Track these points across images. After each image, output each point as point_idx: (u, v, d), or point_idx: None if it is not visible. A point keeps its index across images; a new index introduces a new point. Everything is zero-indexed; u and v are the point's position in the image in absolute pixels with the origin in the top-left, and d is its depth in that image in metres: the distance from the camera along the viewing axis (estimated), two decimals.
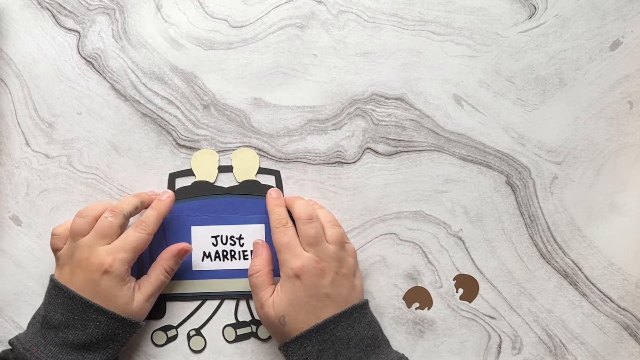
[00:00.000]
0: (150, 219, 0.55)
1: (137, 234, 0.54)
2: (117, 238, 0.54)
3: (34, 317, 0.54)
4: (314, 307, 0.51)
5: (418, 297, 0.60)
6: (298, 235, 0.54)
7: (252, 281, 0.55)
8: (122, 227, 0.54)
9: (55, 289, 0.52)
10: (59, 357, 0.49)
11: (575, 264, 0.60)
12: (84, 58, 0.61)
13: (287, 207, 0.57)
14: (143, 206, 0.57)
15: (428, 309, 0.60)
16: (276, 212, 0.56)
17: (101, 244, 0.53)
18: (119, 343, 0.52)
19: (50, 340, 0.50)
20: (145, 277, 0.56)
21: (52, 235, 0.55)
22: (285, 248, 0.53)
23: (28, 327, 0.54)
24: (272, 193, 0.58)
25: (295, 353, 0.51)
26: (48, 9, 0.61)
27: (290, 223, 0.56)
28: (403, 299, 0.60)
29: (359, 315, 0.53)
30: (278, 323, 0.52)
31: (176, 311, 0.59)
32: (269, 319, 0.53)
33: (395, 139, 0.61)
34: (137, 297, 0.54)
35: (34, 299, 0.60)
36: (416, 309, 0.60)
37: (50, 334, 0.50)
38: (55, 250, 0.55)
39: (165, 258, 0.56)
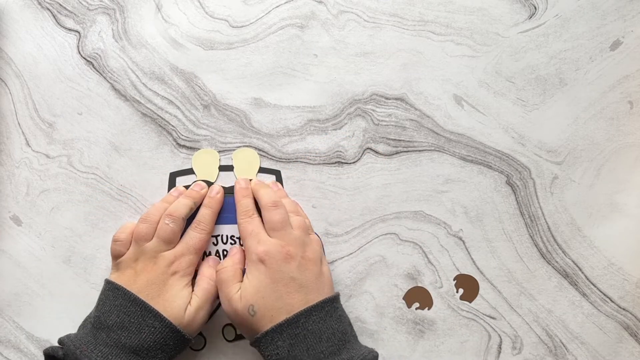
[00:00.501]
0: (207, 217, 0.57)
1: (198, 234, 0.56)
2: (178, 241, 0.55)
3: (84, 321, 0.54)
4: (282, 293, 0.50)
5: (418, 297, 0.60)
6: (263, 224, 0.55)
7: (218, 277, 0.54)
8: (181, 229, 0.56)
9: (114, 291, 0.52)
10: (108, 358, 0.49)
11: (575, 264, 0.60)
12: (84, 58, 0.61)
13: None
14: (196, 206, 0.58)
15: (428, 309, 0.60)
16: (242, 203, 0.57)
17: (165, 249, 0.54)
18: (167, 355, 0.52)
19: (102, 341, 0.50)
20: (196, 288, 0.55)
21: (115, 241, 0.56)
22: (250, 235, 0.54)
23: (79, 329, 0.53)
24: (241, 182, 0.59)
25: (267, 348, 0.50)
26: (48, 9, 0.61)
27: (256, 214, 0.56)
28: (403, 298, 0.60)
29: (330, 309, 0.52)
30: (247, 315, 0.51)
31: None
32: (237, 312, 0.51)
33: (395, 139, 0.61)
34: (190, 307, 0.53)
35: (34, 299, 0.60)
36: (416, 309, 0.60)
37: (102, 334, 0.50)
38: (117, 256, 0.55)
39: (209, 275, 0.56)
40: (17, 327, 0.59)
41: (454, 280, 0.60)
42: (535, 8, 0.62)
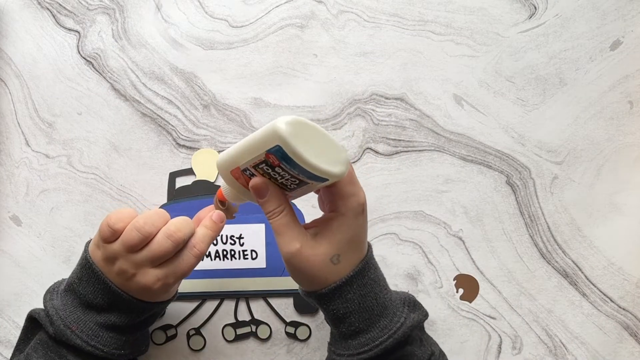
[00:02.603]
0: (206, 240, 0.49)
1: (190, 259, 0.48)
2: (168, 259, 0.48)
3: (67, 289, 0.50)
4: (364, 242, 0.48)
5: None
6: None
7: (278, 225, 0.46)
8: (175, 251, 0.48)
9: (95, 276, 0.49)
10: (99, 335, 0.48)
11: (575, 264, 0.60)
12: (84, 58, 0.61)
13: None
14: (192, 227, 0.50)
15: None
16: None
17: (150, 266, 0.48)
18: (156, 316, 0.54)
19: (92, 319, 0.49)
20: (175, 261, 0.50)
21: (109, 225, 0.48)
22: (350, 182, 0.47)
23: (63, 297, 0.50)
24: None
25: (334, 302, 0.47)
26: (48, 9, 0.61)
27: None
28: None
29: (372, 255, 0.50)
30: (328, 264, 0.46)
31: (176, 310, 0.59)
32: (312, 261, 0.46)
33: (395, 139, 0.61)
34: (174, 287, 0.52)
35: (34, 299, 0.60)
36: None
37: (91, 312, 0.49)
38: (104, 240, 0.48)
39: (198, 241, 0.50)
40: (17, 327, 0.59)
41: (454, 280, 0.60)
42: (535, 8, 0.62)
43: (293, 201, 0.48)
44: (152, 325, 0.59)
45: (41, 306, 0.55)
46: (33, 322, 0.52)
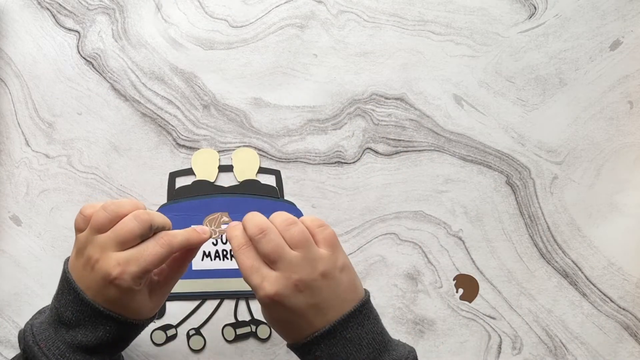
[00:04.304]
0: (177, 237, 0.47)
1: (157, 248, 0.46)
2: (134, 246, 0.46)
3: (51, 303, 0.50)
4: (307, 319, 0.46)
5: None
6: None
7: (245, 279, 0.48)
8: (143, 238, 0.46)
9: (67, 283, 0.47)
10: (66, 356, 0.46)
11: (575, 264, 0.60)
12: (84, 58, 0.61)
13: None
14: (170, 228, 0.49)
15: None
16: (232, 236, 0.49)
17: (114, 249, 0.46)
18: (128, 341, 0.50)
19: (61, 337, 0.47)
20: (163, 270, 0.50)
21: (81, 213, 0.48)
22: (251, 270, 0.47)
23: (49, 312, 0.49)
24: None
25: (305, 357, 0.47)
26: (48, 9, 0.61)
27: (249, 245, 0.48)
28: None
29: (366, 311, 0.47)
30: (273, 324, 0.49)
31: (176, 311, 0.59)
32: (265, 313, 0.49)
33: (395, 139, 0.61)
34: (153, 296, 0.49)
35: (34, 299, 0.60)
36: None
37: (62, 330, 0.47)
38: (77, 230, 0.48)
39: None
40: (17, 327, 0.59)
41: (453, 280, 0.60)
42: (535, 8, 0.62)
43: (293, 200, 0.48)
44: (149, 328, 0.59)
45: (41, 306, 0.55)
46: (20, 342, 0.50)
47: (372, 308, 0.48)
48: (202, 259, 0.59)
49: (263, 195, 0.60)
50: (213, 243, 0.59)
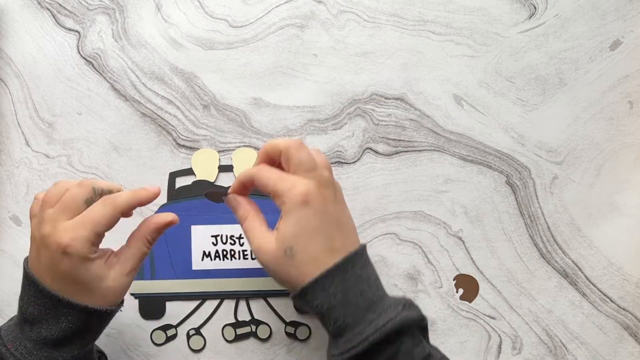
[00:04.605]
0: (122, 196, 0.48)
1: (102, 208, 0.46)
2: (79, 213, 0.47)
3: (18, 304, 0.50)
4: (326, 235, 0.47)
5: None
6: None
7: (245, 227, 0.49)
8: (89, 203, 0.47)
9: (27, 278, 0.47)
10: (33, 354, 0.46)
11: (575, 264, 0.60)
12: (84, 58, 0.61)
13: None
14: (120, 190, 0.50)
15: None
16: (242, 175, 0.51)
17: (63, 219, 0.46)
18: (95, 332, 0.49)
19: (27, 335, 0.47)
20: (124, 249, 0.49)
21: (35, 198, 0.49)
22: (280, 180, 0.48)
23: (17, 312, 0.50)
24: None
25: (317, 297, 0.46)
26: (48, 9, 0.61)
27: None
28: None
29: (367, 255, 0.49)
30: (284, 257, 0.46)
31: (176, 310, 0.59)
32: (270, 257, 0.47)
33: (395, 139, 0.61)
34: (112, 273, 0.47)
35: None
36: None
37: (26, 328, 0.47)
38: (31, 216, 0.49)
39: (151, 230, 0.50)
40: None
41: (453, 280, 0.60)
42: (535, 8, 0.62)
43: None
44: (149, 328, 0.59)
45: None
46: None
47: (368, 256, 0.50)
48: (202, 259, 0.59)
49: (263, 195, 0.60)
50: (213, 243, 0.59)
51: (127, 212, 0.48)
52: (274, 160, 0.50)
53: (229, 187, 0.53)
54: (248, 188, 0.52)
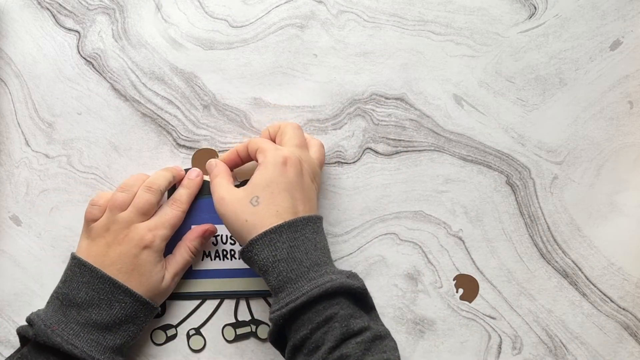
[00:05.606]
0: (183, 197, 0.57)
1: (174, 211, 0.56)
2: (154, 214, 0.55)
3: (52, 297, 0.53)
4: (292, 196, 0.51)
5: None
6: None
7: (213, 183, 0.54)
8: (158, 203, 0.56)
9: (80, 268, 0.52)
10: (80, 336, 0.49)
11: (575, 264, 0.60)
12: (84, 58, 0.61)
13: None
14: (175, 180, 0.58)
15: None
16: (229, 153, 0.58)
17: (139, 220, 0.54)
18: (138, 327, 0.54)
19: (72, 319, 0.50)
20: (171, 256, 0.56)
21: (91, 205, 0.55)
22: (269, 142, 0.54)
23: (47, 305, 0.53)
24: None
25: (264, 250, 0.49)
26: (48, 9, 0.61)
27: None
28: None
29: (320, 225, 0.53)
30: (247, 205, 0.50)
31: (176, 310, 0.59)
32: (232, 206, 0.51)
33: (395, 139, 0.61)
34: (166, 275, 0.55)
35: (34, 299, 0.60)
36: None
37: (72, 312, 0.51)
38: (92, 220, 0.55)
39: (191, 238, 0.57)
40: (17, 326, 0.59)
41: (453, 280, 0.60)
42: (535, 8, 0.62)
43: None
44: (149, 327, 0.59)
45: (41, 306, 0.55)
46: (21, 340, 0.52)
47: (322, 228, 0.53)
48: (202, 259, 0.59)
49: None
50: (213, 243, 0.59)
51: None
52: (273, 139, 0.57)
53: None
54: (241, 158, 0.57)
